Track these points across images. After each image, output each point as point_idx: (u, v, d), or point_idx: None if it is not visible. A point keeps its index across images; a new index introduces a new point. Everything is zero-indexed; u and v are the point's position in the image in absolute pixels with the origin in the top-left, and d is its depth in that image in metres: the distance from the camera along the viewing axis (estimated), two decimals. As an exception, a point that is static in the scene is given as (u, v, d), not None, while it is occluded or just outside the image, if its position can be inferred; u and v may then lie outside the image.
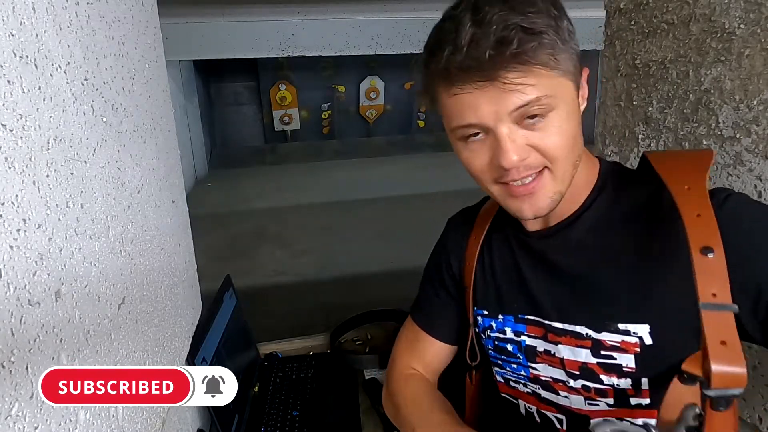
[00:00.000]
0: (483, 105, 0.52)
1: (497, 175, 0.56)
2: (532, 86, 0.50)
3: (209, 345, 1.02)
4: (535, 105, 0.51)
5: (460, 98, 0.53)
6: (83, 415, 0.50)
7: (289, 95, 7.81)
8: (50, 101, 0.48)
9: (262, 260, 3.83)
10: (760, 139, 0.79)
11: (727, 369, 0.45)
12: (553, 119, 0.53)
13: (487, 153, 0.55)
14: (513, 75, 0.50)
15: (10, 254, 0.40)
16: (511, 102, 0.51)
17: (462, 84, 0.52)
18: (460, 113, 0.54)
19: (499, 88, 0.50)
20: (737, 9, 0.80)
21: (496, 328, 0.71)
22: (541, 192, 0.56)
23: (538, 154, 0.54)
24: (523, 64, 0.50)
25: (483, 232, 0.73)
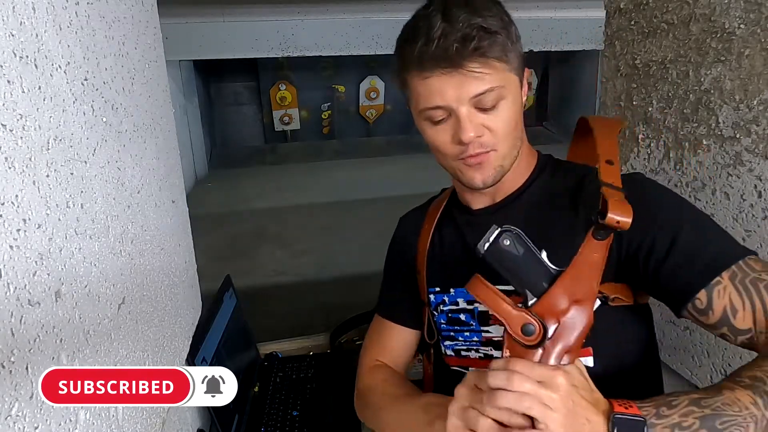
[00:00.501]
0: (448, 90, 0.62)
1: (457, 151, 0.66)
2: (489, 75, 0.62)
3: (209, 345, 1.02)
4: (489, 94, 0.62)
5: (430, 83, 0.63)
6: (83, 415, 0.50)
7: (289, 95, 7.80)
8: (50, 101, 0.48)
9: (262, 260, 3.83)
10: (760, 139, 0.79)
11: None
12: (503, 106, 0.64)
13: (449, 132, 0.66)
14: (474, 65, 0.61)
15: (10, 254, 0.40)
16: (472, 88, 0.62)
17: (432, 69, 0.62)
18: (429, 96, 0.64)
19: (462, 75, 0.61)
20: (737, 9, 0.80)
21: (449, 302, 0.77)
22: (487, 164, 0.67)
23: (489, 134, 0.65)
24: (482, 57, 0.61)
25: (434, 220, 0.82)
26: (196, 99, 6.48)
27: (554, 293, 0.54)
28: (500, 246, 0.54)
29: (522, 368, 0.49)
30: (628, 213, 0.56)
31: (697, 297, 0.59)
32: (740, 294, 0.58)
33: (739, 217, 0.84)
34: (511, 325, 0.53)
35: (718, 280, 0.58)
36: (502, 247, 0.54)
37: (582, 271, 0.56)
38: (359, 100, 8.12)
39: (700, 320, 0.61)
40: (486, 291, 0.55)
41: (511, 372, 0.49)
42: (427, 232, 0.81)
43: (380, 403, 0.80)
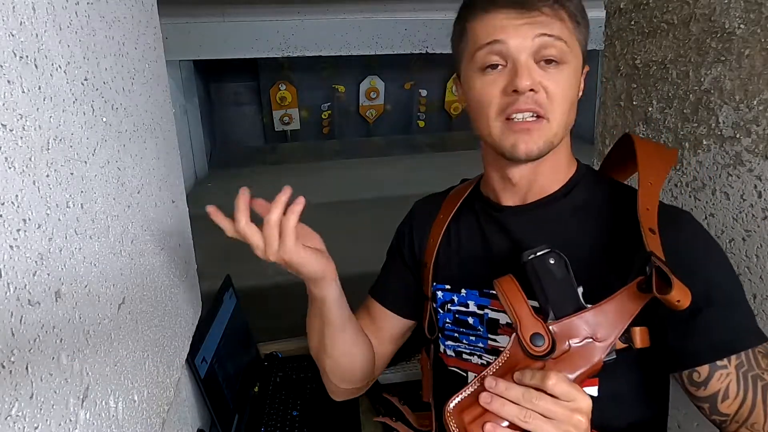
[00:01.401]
0: (513, 29, 0.58)
1: (506, 103, 0.60)
2: (560, 23, 0.58)
3: (209, 345, 1.02)
4: (556, 42, 0.58)
5: (495, 18, 0.59)
6: (83, 415, 0.50)
7: (289, 95, 7.79)
8: (50, 101, 0.48)
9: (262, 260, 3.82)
10: (760, 139, 0.79)
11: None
12: (564, 70, 0.59)
13: (502, 82, 0.60)
14: (548, 10, 0.58)
15: (10, 254, 0.40)
16: (539, 28, 0.57)
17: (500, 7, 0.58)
18: (490, 32, 0.59)
19: (531, 17, 0.57)
20: (737, 9, 0.80)
21: (458, 302, 0.73)
22: (537, 133, 0.60)
23: (545, 95, 0.59)
24: (557, 4, 0.58)
25: (451, 211, 0.76)
26: (196, 99, 6.48)
27: (576, 320, 0.53)
28: (544, 261, 0.55)
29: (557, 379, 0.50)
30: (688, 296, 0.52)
31: (697, 369, 0.58)
32: (738, 384, 0.57)
33: (739, 217, 0.84)
34: (523, 328, 0.53)
35: (725, 364, 0.57)
36: (546, 263, 0.55)
37: (611, 313, 0.54)
38: (359, 100, 8.12)
39: (687, 387, 0.60)
40: (514, 290, 0.55)
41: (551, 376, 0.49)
42: (442, 223, 0.76)
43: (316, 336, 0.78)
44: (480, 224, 0.73)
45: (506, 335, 0.69)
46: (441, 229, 0.76)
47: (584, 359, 0.53)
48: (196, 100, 6.48)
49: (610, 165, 0.78)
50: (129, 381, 0.63)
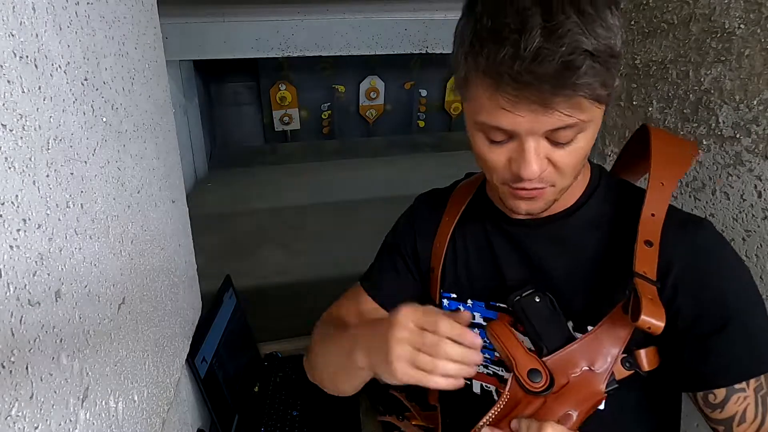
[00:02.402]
0: (521, 119, 0.49)
1: (510, 177, 0.55)
2: (579, 112, 0.49)
3: (209, 345, 1.02)
4: (570, 130, 0.50)
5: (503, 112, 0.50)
6: (83, 415, 0.50)
7: (289, 95, 7.79)
8: (50, 101, 0.48)
9: (262, 260, 3.83)
10: (760, 139, 0.79)
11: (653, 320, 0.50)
12: (581, 140, 0.53)
13: (506, 155, 0.54)
14: (566, 105, 0.48)
15: (10, 254, 0.40)
16: (551, 123, 0.49)
17: (511, 97, 0.48)
18: (495, 116, 0.51)
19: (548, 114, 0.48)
20: (737, 9, 0.80)
21: None
22: (541, 199, 0.58)
23: (553, 171, 0.54)
24: (580, 96, 0.47)
25: (457, 214, 0.73)
26: (196, 99, 6.48)
27: (570, 352, 0.53)
28: (530, 301, 0.57)
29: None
30: (661, 317, 0.50)
31: (714, 391, 0.56)
32: (757, 408, 0.55)
33: (739, 217, 0.84)
34: (519, 366, 0.53)
35: (743, 387, 0.55)
36: (532, 302, 0.57)
37: (602, 340, 0.54)
38: (359, 100, 8.12)
39: (703, 409, 0.58)
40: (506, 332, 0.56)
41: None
42: (448, 226, 0.73)
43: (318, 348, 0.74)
44: (487, 234, 0.70)
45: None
46: (447, 234, 0.72)
47: (585, 390, 0.53)
48: (196, 100, 6.48)
49: (627, 159, 0.74)
50: (129, 381, 0.63)
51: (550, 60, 0.44)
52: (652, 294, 0.52)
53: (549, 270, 0.65)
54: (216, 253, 3.73)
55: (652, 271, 0.53)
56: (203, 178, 6.43)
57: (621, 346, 0.54)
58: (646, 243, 0.55)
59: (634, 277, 0.53)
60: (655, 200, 0.57)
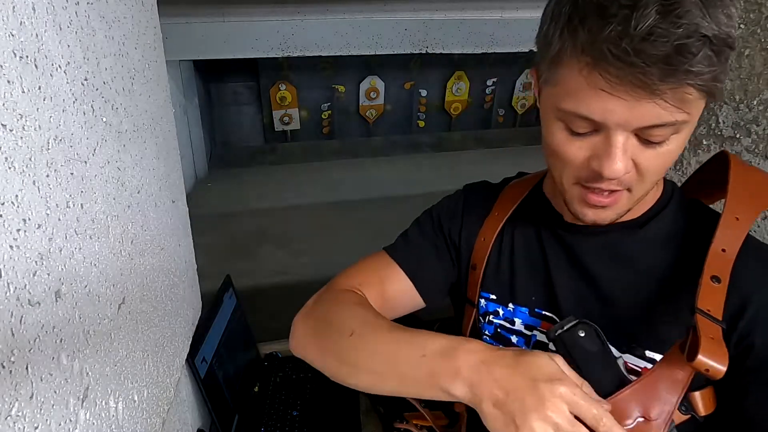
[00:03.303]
0: (618, 108, 0.44)
1: (587, 176, 0.50)
2: (682, 104, 0.43)
3: (209, 345, 1.02)
4: (667, 128, 0.45)
5: (597, 94, 0.44)
6: (83, 415, 0.50)
7: (289, 95, 7.79)
8: (50, 101, 0.48)
9: (262, 260, 3.83)
10: (760, 139, 0.79)
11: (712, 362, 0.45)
12: (673, 142, 0.47)
13: (587, 151, 0.49)
14: (672, 96, 0.42)
15: (10, 254, 0.40)
16: (649, 118, 0.44)
17: (612, 79, 0.42)
18: (586, 103, 0.45)
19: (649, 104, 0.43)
20: (737, 9, 0.80)
21: (503, 316, 0.66)
22: (613, 208, 0.53)
23: (635, 174, 0.49)
24: (692, 86, 0.42)
25: (508, 211, 0.67)
26: (196, 99, 6.48)
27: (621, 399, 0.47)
28: (574, 336, 0.49)
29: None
30: (722, 359, 0.44)
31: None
32: None
33: (739, 217, 0.84)
34: None
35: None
36: (576, 337, 0.49)
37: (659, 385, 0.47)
38: (359, 100, 8.12)
39: None
40: None
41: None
42: (497, 222, 0.67)
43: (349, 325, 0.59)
44: (540, 236, 0.64)
45: None
46: (495, 230, 0.67)
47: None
48: (196, 100, 6.48)
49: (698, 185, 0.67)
50: (129, 381, 0.63)
51: (664, 41, 0.39)
52: (715, 334, 0.46)
53: (603, 284, 0.59)
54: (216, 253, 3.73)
55: (719, 309, 0.48)
56: (203, 178, 6.44)
57: (680, 391, 0.48)
58: (713, 279, 0.49)
59: (695, 313, 0.47)
60: (728, 235, 0.51)
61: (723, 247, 0.50)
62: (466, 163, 5.61)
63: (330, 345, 0.61)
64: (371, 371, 0.56)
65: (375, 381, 0.56)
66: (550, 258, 0.63)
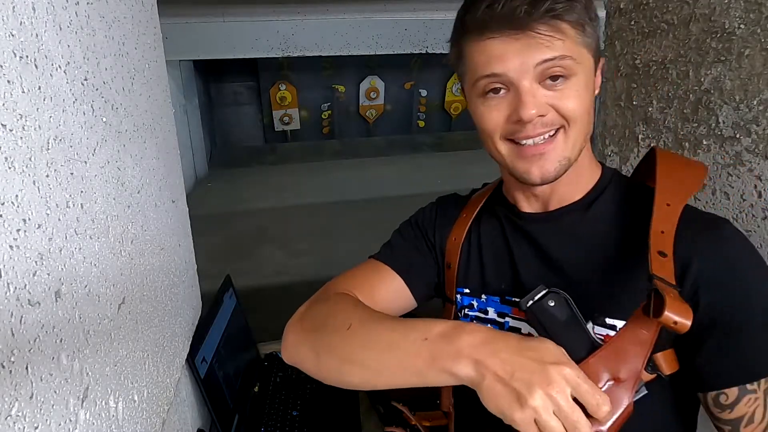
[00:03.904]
0: (511, 56, 0.54)
1: (513, 130, 0.57)
2: (560, 41, 0.53)
3: (209, 345, 1.02)
4: (559, 62, 0.54)
5: (490, 46, 0.54)
6: (83, 415, 0.50)
7: (289, 95, 7.80)
8: (50, 101, 0.48)
9: (262, 260, 3.83)
10: (760, 139, 0.79)
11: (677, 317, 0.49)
12: (573, 84, 0.55)
13: (506, 109, 0.57)
14: (544, 28, 0.53)
15: (10, 254, 0.40)
16: (539, 54, 0.53)
17: (494, 31, 0.54)
18: (487, 62, 0.55)
19: (528, 39, 0.53)
20: (737, 9, 0.80)
21: (477, 307, 0.71)
22: (552, 153, 0.58)
23: (556, 113, 0.56)
24: (555, 19, 0.53)
25: (473, 213, 0.74)
26: (196, 99, 6.48)
27: (592, 364, 0.49)
28: (544, 305, 0.52)
29: None
30: (687, 314, 0.48)
31: (725, 392, 0.56)
32: (765, 409, 0.55)
33: (739, 217, 0.84)
34: None
35: (754, 388, 0.55)
36: (546, 306, 0.52)
37: (626, 347, 0.50)
38: (359, 100, 8.13)
39: (712, 410, 0.58)
40: None
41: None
42: (464, 223, 0.74)
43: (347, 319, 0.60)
44: (503, 229, 0.71)
45: None
46: (463, 231, 0.73)
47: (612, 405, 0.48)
48: (196, 100, 6.48)
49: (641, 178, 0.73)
50: (129, 381, 0.63)
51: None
52: (674, 294, 0.50)
53: (562, 264, 0.65)
54: (216, 253, 3.73)
55: (671, 277, 0.52)
56: (203, 178, 6.44)
57: (646, 351, 0.51)
58: (660, 253, 0.54)
59: (652, 279, 0.51)
60: (663, 219, 0.56)
61: (661, 229, 0.55)
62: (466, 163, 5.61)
63: (326, 342, 0.62)
64: (370, 363, 0.56)
65: (374, 373, 0.56)
66: (514, 247, 0.69)
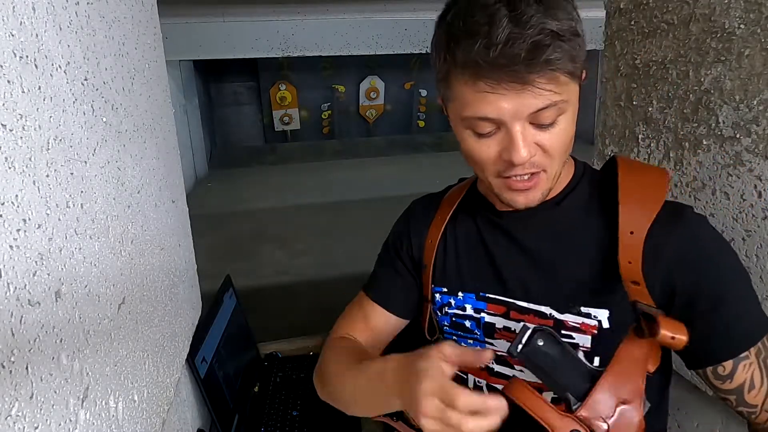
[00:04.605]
0: (505, 103, 0.53)
1: (502, 168, 0.59)
2: (556, 89, 0.53)
3: (209, 345, 1.02)
4: (551, 109, 0.54)
5: (484, 92, 0.53)
6: (83, 415, 0.50)
7: (289, 95, 7.80)
8: (50, 101, 0.48)
9: (262, 260, 3.83)
10: (760, 139, 0.79)
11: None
12: (562, 122, 0.56)
13: (496, 147, 0.57)
14: (541, 81, 0.52)
15: (10, 254, 0.40)
16: (533, 104, 0.53)
17: (491, 81, 0.52)
18: (479, 106, 0.55)
19: (526, 92, 0.52)
20: (737, 9, 0.80)
21: (455, 305, 0.73)
22: (537, 188, 0.61)
23: (542, 154, 0.57)
24: (553, 71, 0.52)
25: (448, 213, 0.75)
26: (196, 99, 6.48)
27: (598, 394, 0.50)
28: (535, 346, 0.51)
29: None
30: (682, 330, 0.51)
31: (723, 364, 0.58)
32: (762, 372, 0.58)
33: (739, 217, 0.84)
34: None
35: (746, 355, 0.58)
36: (537, 347, 0.51)
37: (625, 367, 0.52)
38: (359, 100, 8.13)
39: (713, 383, 0.60)
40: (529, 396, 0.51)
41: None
42: (440, 223, 0.75)
43: (335, 370, 0.72)
44: (478, 227, 0.73)
45: (503, 339, 0.69)
46: (439, 231, 0.75)
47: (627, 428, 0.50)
48: (196, 100, 6.48)
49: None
50: (129, 381, 0.63)
51: (521, 42, 0.50)
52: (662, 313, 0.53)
53: (538, 256, 0.68)
54: (216, 253, 3.73)
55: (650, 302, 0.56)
56: (203, 178, 6.44)
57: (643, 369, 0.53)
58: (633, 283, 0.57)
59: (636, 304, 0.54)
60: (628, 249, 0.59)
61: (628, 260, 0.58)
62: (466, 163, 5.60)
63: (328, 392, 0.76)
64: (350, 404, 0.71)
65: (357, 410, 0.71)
66: (490, 243, 0.71)
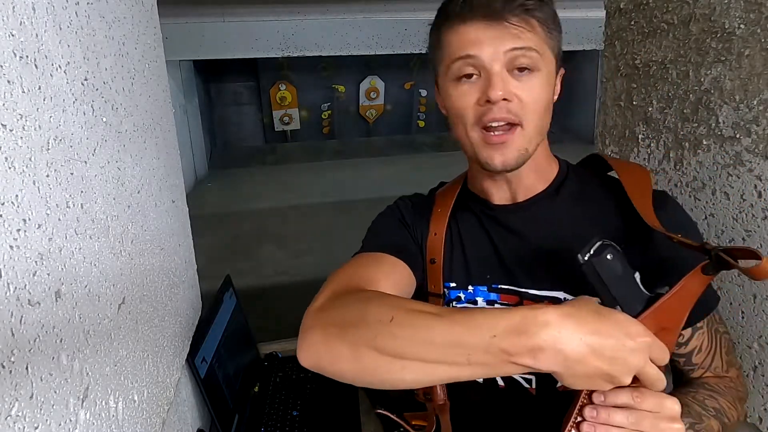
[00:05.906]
0: (485, 41, 0.60)
1: (481, 112, 0.62)
2: (529, 33, 0.60)
3: (209, 345, 1.02)
4: (527, 53, 0.60)
5: (466, 31, 0.61)
6: (83, 415, 0.50)
7: (289, 95, 7.80)
8: (50, 101, 0.48)
9: (262, 260, 3.83)
10: (760, 139, 0.79)
11: None
12: (536, 79, 0.62)
13: (476, 93, 0.62)
14: (516, 20, 0.60)
15: (10, 254, 0.40)
16: (510, 42, 0.60)
17: (471, 18, 0.60)
18: (463, 45, 0.61)
19: (502, 28, 0.60)
20: (737, 9, 0.80)
21: (466, 299, 0.73)
22: (512, 144, 0.63)
23: (518, 103, 0.62)
24: (527, 14, 0.60)
25: (448, 208, 0.76)
26: (196, 99, 6.48)
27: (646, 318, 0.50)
28: (603, 259, 0.51)
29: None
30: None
31: (682, 332, 0.64)
32: (710, 339, 0.66)
33: (739, 217, 0.84)
34: None
35: (701, 324, 0.65)
36: (605, 260, 0.51)
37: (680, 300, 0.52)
38: (359, 100, 8.13)
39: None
40: None
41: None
42: (442, 217, 0.75)
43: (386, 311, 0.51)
44: (479, 220, 0.74)
45: None
46: (443, 224, 0.75)
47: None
48: (196, 100, 6.48)
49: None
50: (129, 381, 0.63)
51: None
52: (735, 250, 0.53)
53: (540, 245, 0.69)
54: (216, 253, 3.73)
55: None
56: (203, 178, 6.44)
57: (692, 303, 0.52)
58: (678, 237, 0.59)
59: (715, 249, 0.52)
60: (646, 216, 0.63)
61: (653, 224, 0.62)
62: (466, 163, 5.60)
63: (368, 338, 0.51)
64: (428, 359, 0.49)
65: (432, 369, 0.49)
66: (494, 236, 0.73)
